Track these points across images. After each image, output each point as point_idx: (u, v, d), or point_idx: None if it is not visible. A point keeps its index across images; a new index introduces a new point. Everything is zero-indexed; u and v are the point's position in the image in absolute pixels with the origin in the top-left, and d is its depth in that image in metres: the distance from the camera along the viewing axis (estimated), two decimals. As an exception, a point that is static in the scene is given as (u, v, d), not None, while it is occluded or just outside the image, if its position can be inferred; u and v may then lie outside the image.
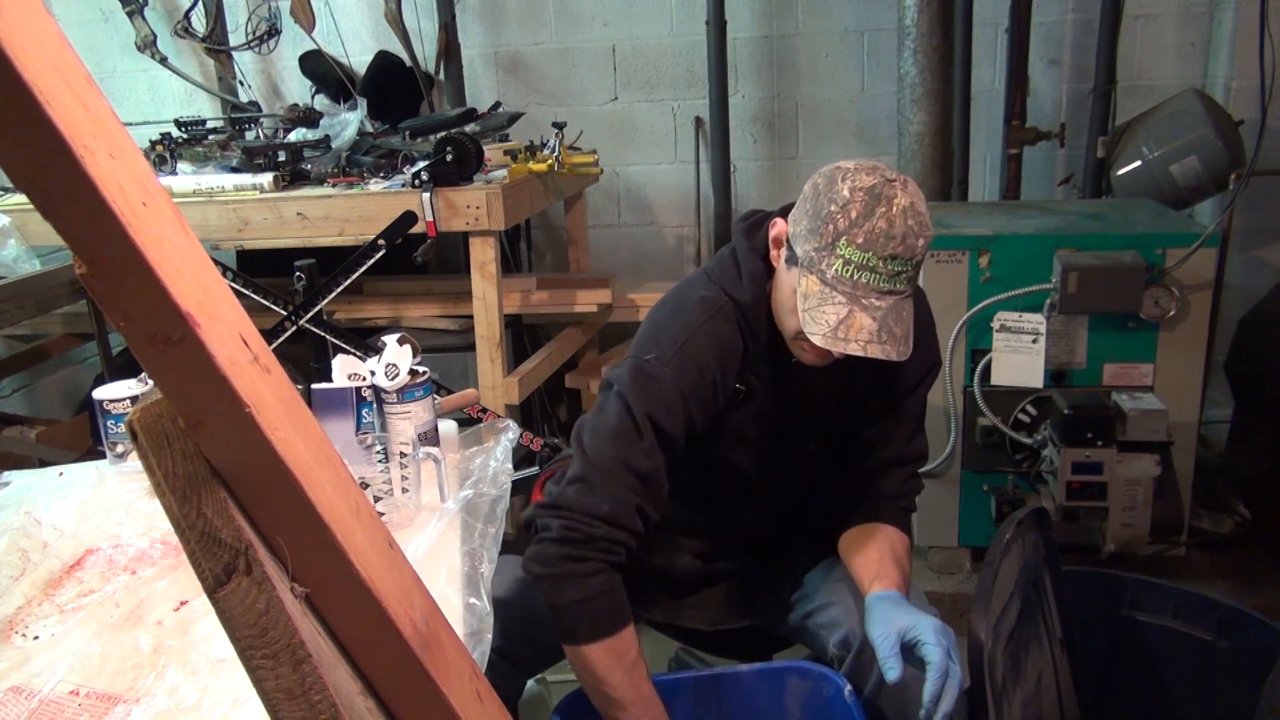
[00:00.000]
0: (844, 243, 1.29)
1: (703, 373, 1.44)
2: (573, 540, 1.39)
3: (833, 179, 1.33)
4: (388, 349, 1.47)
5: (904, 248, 1.29)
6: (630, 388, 1.43)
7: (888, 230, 1.28)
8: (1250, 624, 1.68)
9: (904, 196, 1.30)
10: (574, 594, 1.39)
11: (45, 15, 0.51)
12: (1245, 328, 3.00)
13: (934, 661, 1.33)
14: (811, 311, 1.32)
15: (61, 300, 2.66)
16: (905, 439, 1.60)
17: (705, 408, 1.46)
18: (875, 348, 1.30)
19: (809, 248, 1.33)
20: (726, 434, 1.53)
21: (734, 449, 1.55)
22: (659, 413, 1.41)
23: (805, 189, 1.38)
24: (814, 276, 1.33)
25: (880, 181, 1.31)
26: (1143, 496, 2.36)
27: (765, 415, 1.53)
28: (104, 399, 1.55)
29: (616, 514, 1.39)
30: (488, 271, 2.68)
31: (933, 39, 2.99)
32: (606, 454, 1.41)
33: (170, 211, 0.58)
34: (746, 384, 1.50)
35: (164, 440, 0.59)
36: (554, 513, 1.41)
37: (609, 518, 1.39)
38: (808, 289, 1.33)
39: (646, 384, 1.43)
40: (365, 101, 3.26)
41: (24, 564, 1.31)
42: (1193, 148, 2.88)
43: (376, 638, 0.70)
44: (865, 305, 1.30)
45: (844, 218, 1.29)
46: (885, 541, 1.55)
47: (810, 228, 1.33)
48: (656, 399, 1.42)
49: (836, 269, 1.30)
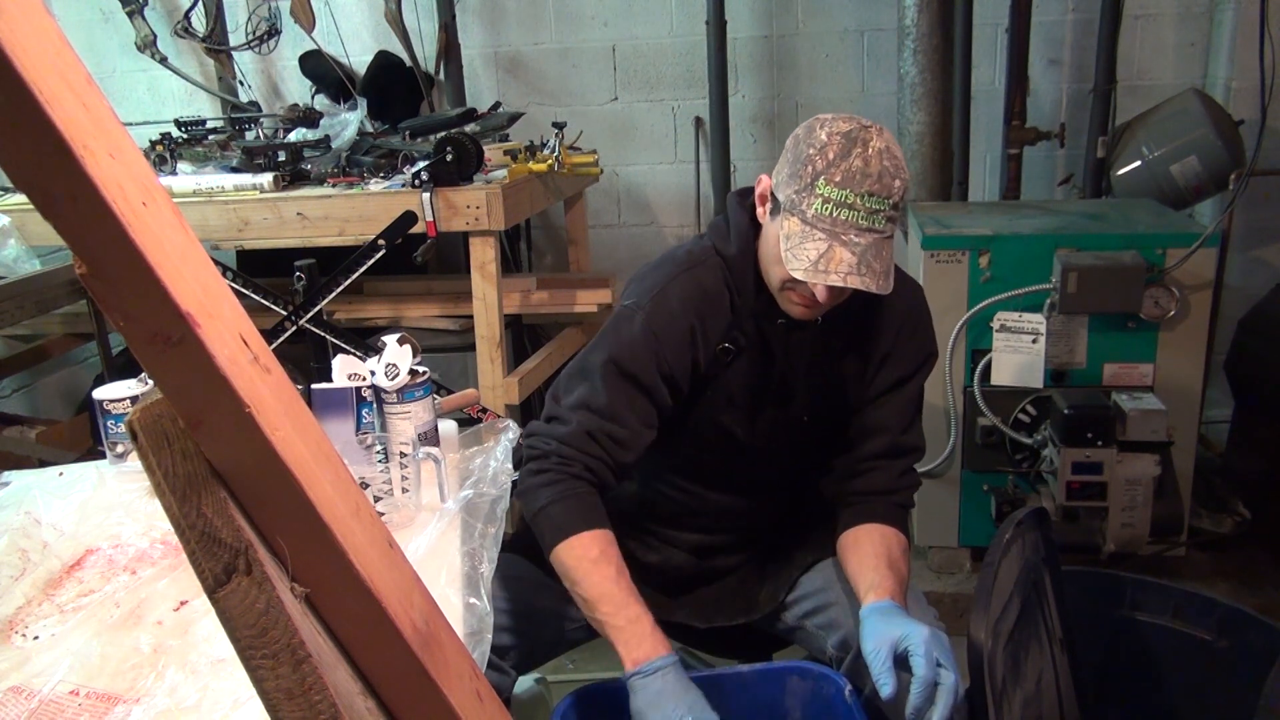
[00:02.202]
0: (822, 182, 1.34)
1: (675, 318, 1.50)
2: (533, 457, 1.51)
3: (811, 127, 1.39)
4: (388, 349, 1.47)
5: (880, 186, 1.33)
6: (609, 332, 1.53)
7: (864, 169, 1.33)
8: (1250, 624, 1.67)
9: (880, 140, 1.36)
10: (536, 503, 1.48)
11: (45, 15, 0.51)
12: (1245, 328, 3.00)
13: (919, 674, 1.33)
14: (793, 249, 1.36)
15: (61, 300, 2.65)
16: (900, 428, 1.61)
17: (680, 353, 1.51)
18: (855, 279, 1.34)
19: (790, 191, 1.38)
20: (715, 394, 1.56)
21: (723, 410, 1.57)
22: (623, 354, 1.49)
23: (787, 142, 1.43)
24: (795, 218, 1.37)
25: (856, 127, 1.36)
26: (1143, 496, 2.36)
27: (753, 376, 1.56)
28: (104, 399, 1.55)
29: (570, 436, 1.50)
30: (488, 271, 2.68)
31: (933, 39, 2.99)
32: (568, 393, 1.53)
33: (170, 211, 0.58)
34: (734, 342, 1.54)
35: (164, 440, 0.59)
36: (526, 439, 1.56)
37: (563, 438, 1.50)
38: (790, 230, 1.38)
39: (618, 327, 1.52)
40: (365, 101, 3.26)
41: (24, 564, 1.31)
42: (1193, 148, 2.88)
43: (376, 638, 0.70)
44: (845, 241, 1.34)
45: (821, 159, 1.35)
46: (882, 544, 1.54)
47: (791, 173, 1.38)
48: (625, 342, 1.50)
49: (816, 208, 1.35)
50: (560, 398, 1.55)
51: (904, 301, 1.57)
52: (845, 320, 1.54)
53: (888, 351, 1.57)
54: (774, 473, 1.67)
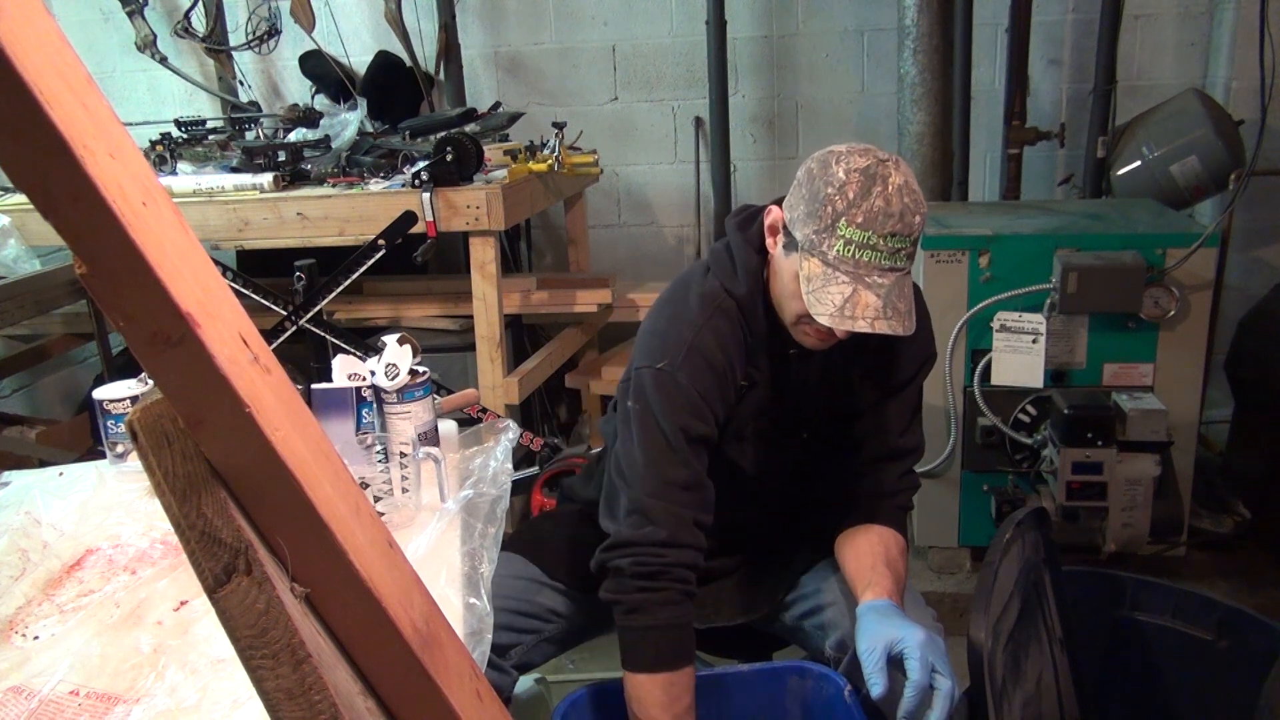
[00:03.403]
0: (844, 223, 1.31)
1: (714, 369, 1.46)
2: (645, 574, 1.42)
3: (826, 162, 1.35)
4: (388, 349, 1.47)
5: (902, 225, 1.31)
6: (652, 401, 1.45)
7: (885, 209, 1.30)
8: (1250, 624, 1.67)
9: (898, 175, 1.32)
10: (646, 620, 1.42)
11: (45, 15, 0.51)
12: (1245, 328, 3.00)
13: (913, 679, 1.33)
14: (816, 293, 1.33)
15: (61, 300, 2.66)
16: (900, 430, 1.60)
17: (725, 402, 1.48)
18: (883, 323, 1.32)
19: (808, 231, 1.34)
20: (728, 430, 1.54)
21: (732, 444, 1.56)
22: (687, 420, 1.44)
23: (799, 174, 1.39)
24: (816, 259, 1.34)
25: (874, 162, 1.33)
26: (1143, 496, 2.35)
27: (763, 407, 1.54)
28: (104, 399, 1.55)
29: (677, 535, 1.42)
30: (488, 271, 2.68)
31: (933, 39, 2.99)
32: (648, 477, 1.44)
33: (170, 211, 0.58)
34: (749, 378, 1.52)
35: (164, 440, 0.59)
36: (620, 551, 1.44)
37: (671, 541, 1.42)
38: (810, 272, 1.34)
39: (666, 393, 1.45)
40: (365, 101, 3.26)
41: (24, 564, 1.31)
42: (1193, 148, 2.88)
43: (376, 638, 0.70)
44: (869, 283, 1.32)
45: (841, 199, 1.31)
46: (879, 544, 1.54)
47: (808, 211, 1.34)
48: (681, 407, 1.44)
49: (838, 249, 1.32)
50: (630, 480, 1.46)
51: None
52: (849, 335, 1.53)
53: (890, 356, 1.57)
54: (774, 487, 1.67)
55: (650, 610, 1.42)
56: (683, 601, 1.44)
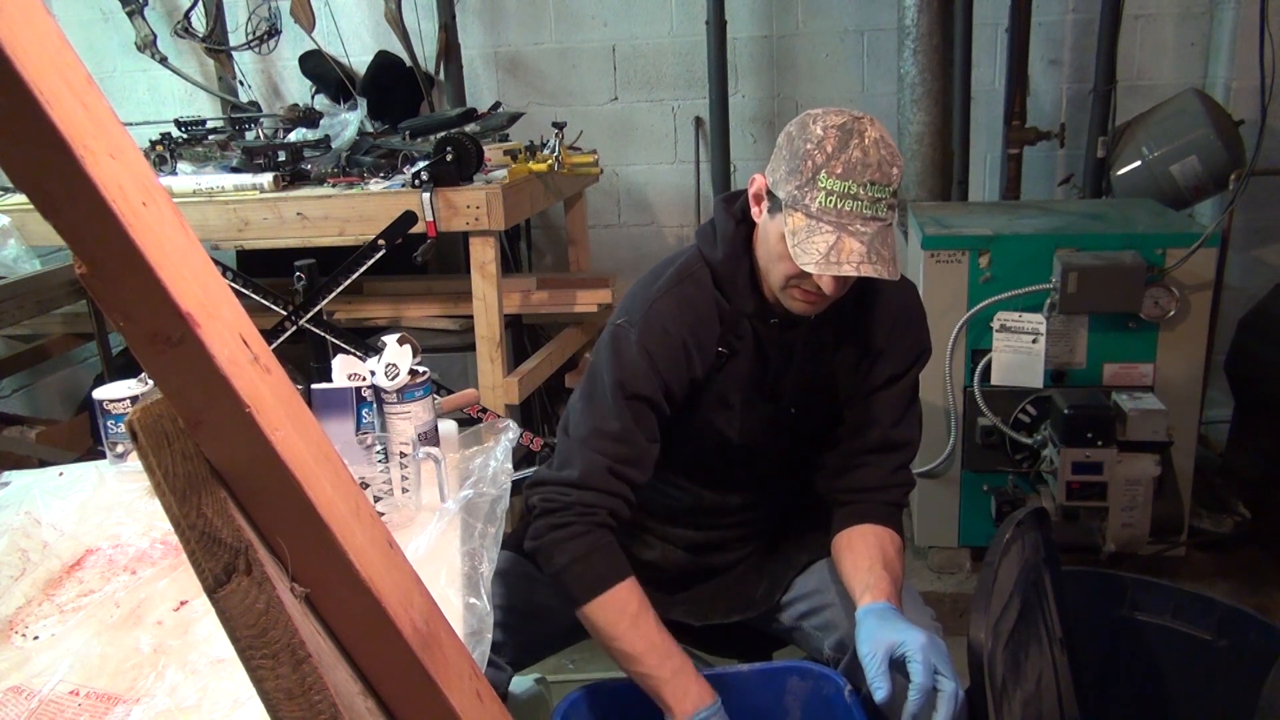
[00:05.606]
0: (824, 175, 1.34)
1: (667, 336, 1.50)
2: (551, 510, 1.49)
3: (804, 123, 1.39)
4: (388, 349, 1.47)
5: (881, 174, 1.34)
6: (603, 353, 1.53)
7: (864, 159, 1.34)
8: (1250, 624, 1.67)
9: (874, 130, 1.37)
10: (562, 559, 1.47)
11: (45, 15, 0.51)
12: (1245, 328, 3.00)
13: (917, 682, 1.33)
14: (802, 244, 1.36)
15: (61, 300, 2.66)
16: (892, 422, 1.60)
17: (676, 369, 1.51)
18: (867, 267, 1.34)
19: (790, 188, 1.37)
20: (709, 397, 1.56)
21: (716, 412, 1.57)
22: (627, 375, 1.49)
23: (779, 139, 1.42)
24: (799, 213, 1.37)
25: (849, 119, 1.37)
26: (1143, 496, 2.36)
27: (747, 377, 1.56)
28: (104, 399, 1.55)
29: (586, 477, 1.48)
30: (488, 271, 2.68)
31: (933, 39, 2.99)
32: (580, 424, 1.52)
33: (170, 211, 0.58)
34: (729, 346, 1.54)
35: (164, 440, 0.59)
36: (534, 490, 1.53)
37: (579, 482, 1.48)
38: (795, 225, 1.37)
39: (616, 348, 1.51)
40: (365, 101, 3.26)
41: (24, 564, 1.31)
42: (1193, 148, 2.88)
43: (376, 638, 0.70)
44: (853, 231, 1.35)
45: (820, 153, 1.35)
46: (876, 545, 1.54)
47: (790, 169, 1.38)
48: (626, 362, 1.49)
49: (820, 201, 1.35)
50: (570, 430, 1.53)
51: (896, 298, 1.57)
52: (837, 316, 1.54)
53: (880, 349, 1.57)
54: (766, 468, 1.67)
55: (561, 547, 1.47)
56: (590, 531, 1.47)
